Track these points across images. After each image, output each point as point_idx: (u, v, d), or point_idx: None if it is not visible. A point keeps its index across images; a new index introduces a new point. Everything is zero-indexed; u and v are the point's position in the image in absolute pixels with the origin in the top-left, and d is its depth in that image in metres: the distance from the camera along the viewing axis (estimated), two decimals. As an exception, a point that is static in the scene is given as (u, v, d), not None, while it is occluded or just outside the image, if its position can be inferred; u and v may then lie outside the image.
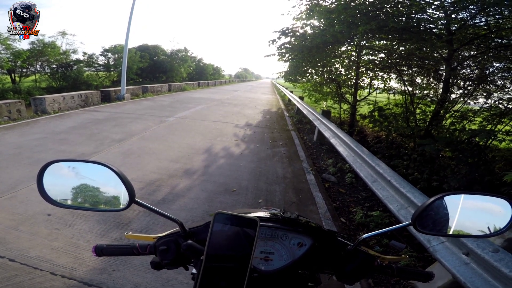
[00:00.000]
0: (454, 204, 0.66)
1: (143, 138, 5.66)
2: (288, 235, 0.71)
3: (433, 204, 0.65)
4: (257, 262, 0.69)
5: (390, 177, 2.56)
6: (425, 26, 5.06)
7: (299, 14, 6.66)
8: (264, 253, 0.70)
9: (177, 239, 0.68)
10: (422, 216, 0.65)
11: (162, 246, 0.67)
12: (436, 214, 0.66)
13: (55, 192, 0.63)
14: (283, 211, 0.76)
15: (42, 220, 2.54)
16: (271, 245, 0.70)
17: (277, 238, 0.71)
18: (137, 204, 0.63)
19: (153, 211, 0.65)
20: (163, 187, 3.46)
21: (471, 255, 1.56)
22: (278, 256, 0.70)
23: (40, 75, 16.02)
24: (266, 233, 0.71)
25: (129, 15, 11.69)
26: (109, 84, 19.28)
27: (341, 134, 4.67)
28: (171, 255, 0.67)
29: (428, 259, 2.39)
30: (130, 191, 0.62)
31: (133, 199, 0.62)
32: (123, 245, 0.72)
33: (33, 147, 4.58)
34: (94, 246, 0.71)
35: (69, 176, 0.63)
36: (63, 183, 0.63)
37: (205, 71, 39.22)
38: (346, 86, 8.93)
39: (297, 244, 0.71)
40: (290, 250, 0.70)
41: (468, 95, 5.73)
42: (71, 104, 8.95)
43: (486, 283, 1.41)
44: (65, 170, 0.63)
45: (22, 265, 1.96)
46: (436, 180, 4.21)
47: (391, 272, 0.72)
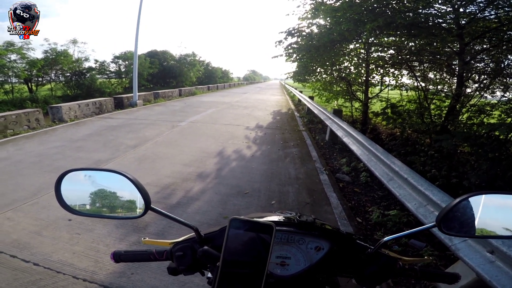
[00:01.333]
0: (480, 204, 0.64)
1: (156, 143, 5.76)
2: (305, 239, 0.70)
3: (459, 205, 0.63)
4: (273, 267, 0.68)
5: (407, 174, 2.51)
6: (434, 21, 4.96)
7: (304, 13, 6.65)
8: (281, 257, 0.69)
9: (193, 245, 0.68)
10: (448, 218, 0.63)
11: (178, 252, 0.68)
12: (462, 215, 0.64)
13: (73, 200, 0.64)
14: (299, 215, 0.75)
15: (64, 225, 2.62)
16: (287, 250, 0.70)
17: (293, 242, 0.70)
18: (153, 211, 0.64)
19: (168, 217, 0.66)
20: (178, 191, 3.51)
21: (496, 253, 1.51)
22: (294, 261, 0.69)
23: (55, 83, 16.53)
24: (282, 237, 0.70)
25: (137, 22, 11.92)
26: (121, 91, 19.72)
27: (354, 133, 4.60)
28: (187, 261, 0.67)
29: (450, 258, 2.32)
30: (145, 198, 0.62)
31: (149, 206, 0.63)
32: (140, 251, 0.73)
33: (52, 155, 4.74)
34: (112, 253, 0.72)
35: (85, 184, 0.65)
36: (80, 191, 0.65)
37: (214, 74, 39.57)
38: (357, 84, 8.81)
39: (315, 248, 0.70)
40: (307, 254, 0.70)
41: (484, 88, 5.57)
42: (86, 112, 9.21)
43: None
44: (82, 178, 0.65)
45: (45, 269, 2.03)
46: (456, 177, 4.08)
47: (414, 274, 0.70)
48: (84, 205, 0.65)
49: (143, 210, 0.63)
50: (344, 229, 2.84)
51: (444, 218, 0.63)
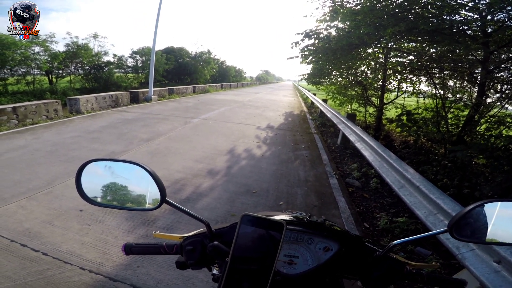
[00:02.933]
0: (493, 212, 0.65)
1: (169, 138, 5.86)
2: (314, 239, 0.70)
3: (472, 212, 0.63)
4: (280, 265, 0.69)
5: (419, 183, 2.47)
6: (458, 28, 4.82)
7: (322, 16, 6.61)
8: (288, 256, 0.69)
9: (203, 240, 0.69)
10: (460, 223, 0.64)
11: (189, 246, 0.69)
12: (475, 221, 0.65)
13: (91, 190, 0.66)
14: (309, 215, 0.75)
15: (75, 215, 2.69)
16: (295, 249, 0.70)
17: (302, 241, 0.70)
18: (168, 204, 0.65)
19: (183, 211, 0.67)
20: (188, 186, 3.56)
21: (503, 263, 1.50)
22: (302, 260, 0.69)
23: (75, 76, 16.99)
24: (291, 236, 0.70)
25: (156, 18, 12.14)
26: (137, 86, 20.09)
27: (367, 138, 4.54)
28: (196, 255, 0.68)
29: (455, 267, 2.29)
30: (162, 191, 0.63)
31: (165, 199, 0.64)
32: (151, 244, 0.74)
33: (68, 145, 4.89)
34: (123, 245, 0.73)
35: (105, 175, 0.66)
36: (99, 182, 0.66)
37: (227, 73, 39.75)
38: (372, 89, 8.68)
39: (323, 249, 0.70)
40: (315, 254, 0.70)
41: (506, 99, 5.38)
42: (103, 105, 9.45)
43: None
44: (102, 169, 0.66)
45: (54, 259, 2.06)
46: (468, 187, 3.98)
47: (421, 279, 0.70)
48: (102, 195, 0.66)
49: (158, 203, 0.64)
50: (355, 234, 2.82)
51: (456, 224, 0.63)
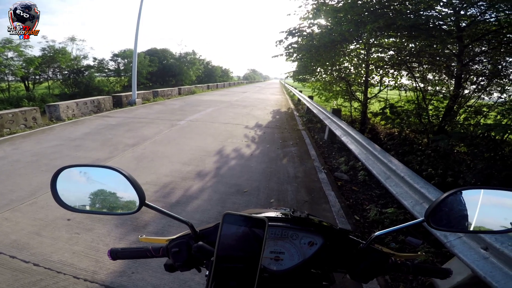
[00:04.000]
0: (469, 199, 0.65)
1: (155, 142, 5.77)
2: (299, 234, 0.70)
3: (447, 200, 0.63)
4: (267, 262, 0.69)
5: (403, 173, 2.54)
6: (434, 23, 4.99)
7: (305, 14, 6.66)
8: (275, 253, 0.69)
9: (189, 241, 0.69)
10: (436, 212, 0.63)
11: (174, 248, 0.68)
12: (450, 209, 0.64)
13: (68, 196, 0.64)
14: (293, 210, 0.75)
15: (63, 225, 2.62)
16: (281, 245, 0.70)
17: (287, 237, 0.70)
18: (147, 207, 0.64)
19: (163, 213, 0.66)
20: (177, 190, 3.52)
21: (490, 249, 1.54)
22: (288, 256, 0.70)
23: (53, 81, 16.46)
24: (276, 232, 0.70)
25: (137, 20, 11.90)
26: (120, 89, 19.68)
27: (352, 132, 4.63)
28: (183, 256, 0.68)
29: (446, 255, 2.35)
30: (140, 194, 0.63)
31: (144, 202, 0.63)
32: (137, 248, 0.74)
33: (50, 154, 4.73)
34: (109, 250, 0.72)
35: (80, 181, 0.65)
36: (75, 188, 0.65)
37: (213, 73, 39.55)
38: (356, 84, 8.85)
39: (308, 243, 0.70)
40: (300, 249, 0.70)
41: (481, 90, 5.63)
42: (84, 110, 9.19)
43: (507, 277, 1.40)
44: (77, 175, 0.65)
45: (46, 269, 2.02)
46: (451, 176, 4.13)
47: (407, 270, 0.70)
48: (79, 201, 0.65)
49: (137, 206, 0.64)
50: (341, 226, 2.88)
51: (432, 213, 0.63)
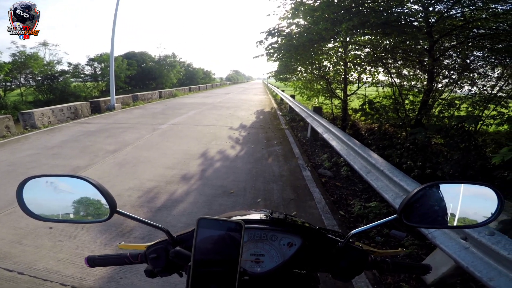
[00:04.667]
0: (440, 195, 0.65)
1: (137, 147, 5.65)
2: (277, 235, 0.70)
3: (418, 196, 0.63)
4: (248, 264, 0.68)
5: (383, 167, 2.63)
6: (406, 20, 5.19)
7: (284, 14, 6.74)
8: (255, 255, 0.69)
9: (167, 246, 0.68)
10: (408, 208, 0.64)
11: (152, 254, 0.68)
12: (422, 205, 0.65)
13: (37, 206, 0.63)
14: (271, 212, 0.75)
15: (45, 233, 2.55)
16: (261, 247, 0.70)
17: (266, 239, 0.70)
18: (119, 214, 0.63)
19: (137, 220, 0.65)
20: (162, 194, 3.47)
21: (469, 239, 1.58)
22: (268, 258, 0.69)
23: (26, 88, 15.74)
24: (255, 234, 0.70)
25: (113, 23, 11.60)
26: (98, 94, 19.08)
27: (333, 129, 4.74)
28: (161, 262, 0.67)
29: (430, 246, 2.41)
30: (110, 201, 0.62)
31: (115, 210, 0.63)
32: (114, 255, 0.73)
33: (26, 163, 4.53)
34: (86, 258, 0.71)
35: (48, 191, 0.64)
36: (42, 198, 0.64)
37: (195, 75, 39.14)
38: (336, 82, 9.04)
39: (287, 244, 0.70)
40: (280, 250, 0.69)
41: (453, 83, 5.88)
42: (61, 117, 8.85)
43: (489, 267, 1.42)
44: (43, 185, 0.64)
45: (31, 277, 1.99)
46: (430, 168, 4.30)
47: (386, 267, 0.70)
48: (47, 210, 0.64)
49: (108, 214, 0.63)
50: (327, 222, 2.94)
51: (405, 209, 0.63)
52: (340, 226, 2.92)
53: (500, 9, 4.42)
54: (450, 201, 0.65)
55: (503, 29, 4.68)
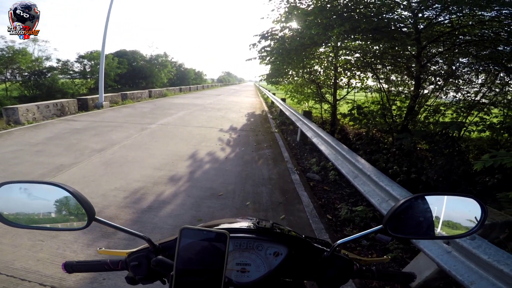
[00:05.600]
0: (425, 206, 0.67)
1: (124, 146, 5.55)
2: (264, 245, 0.70)
3: (403, 207, 0.65)
4: (234, 274, 0.68)
5: (370, 172, 2.67)
6: (395, 25, 5.29)
7: (278, 17, 6.79)
8: (241, 264, 0.68)
9: (149, 254, 0.66)
10: (394, 219, 0.65)
11: (133, 262, 0.66)
12: (407, 216, 0.66)
13: (11, 212, 0.62)
14: (258, 221, 0.75)
15: (24, 232, 2.45)
16: (247, 256, 0.69)
17: (252, 248, 0.70)
18: (97, 222, 0.62)
19: (116, 228, 0.64)
20: (148, 195, 3.42)
21: (451, 244, 1.62)
22: (255, 267, 0.69)
23: (11, 83, 15.28)
24: (241, 244, 0.70)
25: (106, 21, 11.40)
26: (86, 92, 18.67)
27: (321, 133, 4.79)
28: (143, 270, 0.66)
29: (414, 250, 2.45)
30: (88, 209, 0.61)
31: (93, 217, 0.61)
32: (93, 261, 0.71)
33: (8, 160, 4.38)
34: (63, 263, 0.69)
35: (22, 197, 0.62)
36: (17, 205, 0.63)
37: (186, 76, 38.85)
38: (326, 86, 9.14)
39: (273, 254, 0.70)
40: (266, 260, 0.69)
41: (439, 90, 6.01)
42: (46, 114, 8.61)
43: (470, 270, 1.46)
44: (17, 191, 0.62)
45: (8, 277, 1.93)
46: (415, 172, 4.40)
47: (371, 276, 0.71)
48: (23, 218, 0.62)
49: (86, 222, 0.62)
50: (315, 226, 2.96)
51: (389, 220, 0.64)
52: (327, 229, 2.94)
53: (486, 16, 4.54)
54: (435, 212, 0.66)
55: (488, 36, 4.83)
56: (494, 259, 1.33)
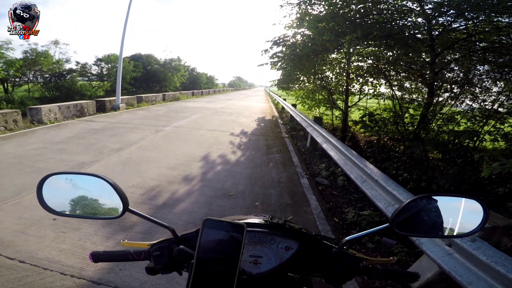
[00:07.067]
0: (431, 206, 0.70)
1: (140, 147, 5.78)
2: (276, 239, 0.74)
3: (409, 206, 0.68)
4: (247, 265, 0.72)
5: (377, 176, 2.73)
6: (409, 32, 5.25)
7: (289, 23, 6.91)
8: (254, 256, 0.73)
9: (170, 245, 0.71)
10: (400, 218, 0.68)
11: (156, 252, 0.71)
12: (413, 215, 0.70)
13: (54, 202, 0.67)
14: (271, 217, 0.80)
15: (48, 224, 2.64)
16: (260, 249, 0.74)
17: (265, 242, 0.74)
18: (130, 212, 0.68)
19: (146, 218, 0.69)
20: (163, 193, 3.58)
21: (453, 245, 1.67)
22: (266, 260, 0.73)
23: (33, 84, 15.98)
24: (255, 237, 0.74)
25: (124, 25, 11.87)
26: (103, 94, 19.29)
27: (332, 139, 4.86)
28: (164, 260, 0.70)
29: (418, 254, 2.48)
30: (123, 200, 0.66)
31: (127, 208, 0.67)
32: (118, 251, 0.76)
33: (33, 157, 4.65)
34: (91, 253, 0.75)
35: (67, 187, 0.68)
36: (61, 194, 0.68)
37: (198, 80, 39.44)
38: (337, 92, 9.17)
39: (285, 248, 0.74)
40: (278, 253, 0.73)
41: (454, 98, 5.88)
42: (67, 114, 9.01)
43: (469, 271, 1.51)
44: (63, 182, 0.68)
45: (32, 266, 2.06)
46: (425, 181, 4.39)
47: (377, 274, 0.74)
48: (65, 206, 0.68)
49: (121, 211, 0.68)
50: (321, 227, 3.04)
51: (396, 218, 0.68)
52: (334, 231, 3.01)
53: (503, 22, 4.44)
54: (440, 212, 0.70)
55: (506, 42, 4.73)
56: (492, 260, 1.38)
